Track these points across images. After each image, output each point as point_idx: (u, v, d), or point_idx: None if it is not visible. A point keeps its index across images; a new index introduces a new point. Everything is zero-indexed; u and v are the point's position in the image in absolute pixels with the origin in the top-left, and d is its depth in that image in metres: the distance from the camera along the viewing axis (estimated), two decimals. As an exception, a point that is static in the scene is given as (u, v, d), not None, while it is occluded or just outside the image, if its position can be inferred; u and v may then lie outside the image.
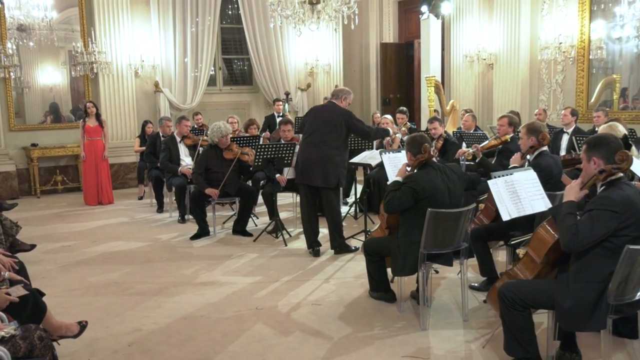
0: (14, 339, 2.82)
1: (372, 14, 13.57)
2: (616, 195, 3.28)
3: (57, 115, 10.86)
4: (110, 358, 4.02)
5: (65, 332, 3.62)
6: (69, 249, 6.91)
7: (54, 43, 10.58)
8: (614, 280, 3.21)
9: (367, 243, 5.03)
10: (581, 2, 9.66)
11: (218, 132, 7.22)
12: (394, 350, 4.07)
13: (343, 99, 6.33)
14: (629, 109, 9.23)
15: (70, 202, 9.85)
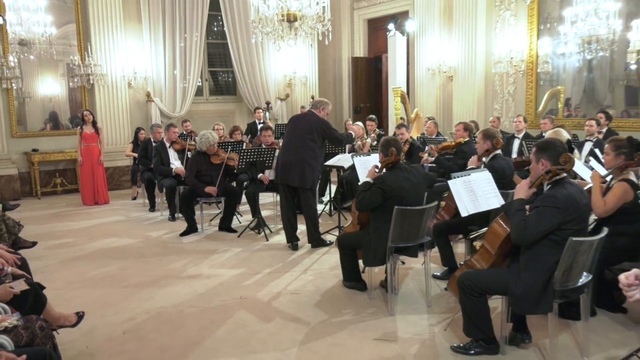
0: (16, 329, 2.79)
1: (344, 30, 13.60)
2: (560, 194, 3.34)
3: (56, 123, 10.71)
4: (106, 345, 3.98)
5: (64, 322, 3.57)
6: (68, 246, 6.82)
7: (53, 56, 10.41)
8: (559, 268, 3.27)
9: (341, 237, 5.04)
10: (530, 21, 9.79)
11: (206, 142, 7.21)
12: (365, 333, 4.09)
13: (321, 109, 6.37)
14: (572, 116, 9.38)
15: (69, 203, 9.72)
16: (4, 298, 3.09)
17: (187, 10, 11.59)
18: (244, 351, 3.85)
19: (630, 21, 8.16)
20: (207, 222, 7.80)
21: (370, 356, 3.74)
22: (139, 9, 11.18)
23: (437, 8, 11.04)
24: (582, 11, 8.59)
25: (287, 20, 7.29)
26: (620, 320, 4.23)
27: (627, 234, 4.05)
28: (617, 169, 4.15)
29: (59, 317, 3.55)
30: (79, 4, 10.47)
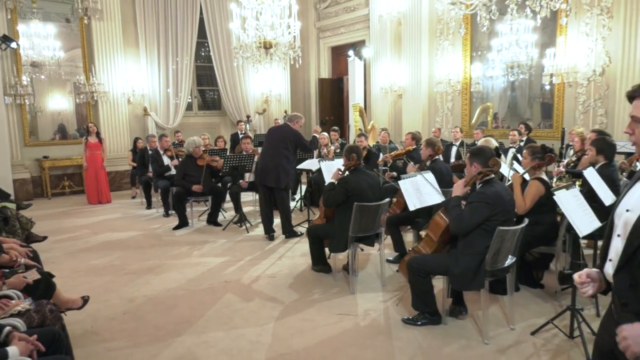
0: (28, 312, 2.71)
1: (312, 55, 13.59)
2: (489, 191, 3.40)
3: (64, 134, 10.39)
4: (109, 324, 3.88)
5: (71, 305, 3.48)
6: (74, 239, 6.63)
7: (61, 76, 10.14)
8: (489, 252, 3.33)
9: (310, 229, 5.04)
10: (464, 49, 9.94)
11: (192, 144, 7.19)
12: (330, 310, 4.09)
13: (295, 122, 6.37)
14: (499, 127, 9.57)
15: (75, 202, 9.45)
16: (18, 286, 3.00)
17: (179, 38, 11.43)
18: (229, 327, 3.80)
19: (544, 50, 8.37)
20: (197, 217, 7.68)
21: (335, 329, 3.74)
22: (137, 36, 10.97)
23: (388, 38, 11.12)
24: (506, 41, 8.77)
25: (263, 47, 7.26)
26: (539, 294, 4.33)
27: (542, 223, 4.15)
28: (532, 169, 4.27)
29: (67, 301, 3.45)
30: (84, 32, 10.20)
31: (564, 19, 7.67)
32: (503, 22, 8.41)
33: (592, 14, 7.82)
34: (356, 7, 12.20)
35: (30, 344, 2.28)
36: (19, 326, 2.51)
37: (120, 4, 10.52)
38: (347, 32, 12.67)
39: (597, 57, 7.85)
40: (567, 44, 8.15)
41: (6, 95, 9.14)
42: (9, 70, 9.31)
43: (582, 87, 8.09)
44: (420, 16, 10.37)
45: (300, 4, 8.50)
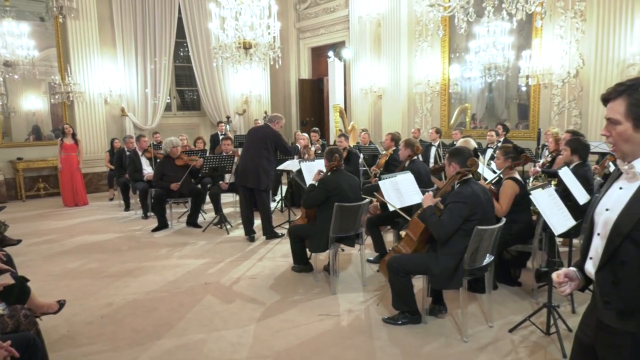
0: (2, 318, 2.65)
1: (292, 56, 13.58)
2: (466, 191, 3.44)
3: (38, 135, 10.17)
4: (86, 328, 3.81)
5: (47, 310, 3.41)
6: (50, 242, 6.49)
7: (35, 76, 9.91)
8: (467, 252, 3.37)
9: (291, 229, 5.03)
10: (442, 51, 10.06)
11: (170, 144, 7.14)
12: (312, 310, 4.09)
13: (276, 122, 6.35)
14: (477, 128, 9.70)
15: (51, 205, 9.24)
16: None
17: (157, 38, 11.29)
18: (209, 329, 3.77)
19: (520, 52, 8.52)
20: (176, 219, 7.59)
21: (316, 329, 3.74)
22: (114, 35, 10.80)
23: (368, 39, 11.18)
24: (484, 43, 8.89)
25: (243, 47, 7.22)
26: (516, 292, 4.40)
27: (518, 221, 4.22)
28: (507, 169, 4.35)
29: (42, 305, 3.38)
30: (59, 31, 10.00)
31: (539, 22, 7.83)
32: (480, 24, 8.53)
33: (566, 17, 7.99)
34: (336, 8, 12.23)
35: (4, 350, 2.23)
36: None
37: (97, 3, 10.35)
38: (327, 33, 12.70)
39: (571, 59, 8.03)
40: (542, 46, 8.31)
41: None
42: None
43: (557, 89, 8.26)
44: (399, 18, 10.46)
45: (280, 4, 8.49)
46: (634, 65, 7.01)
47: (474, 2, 5.25)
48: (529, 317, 3.62)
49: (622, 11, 7.07)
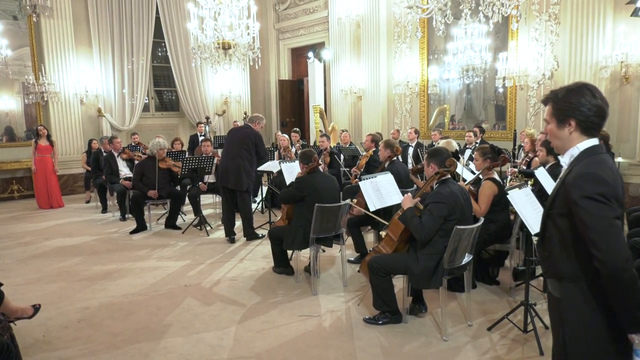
0: (-26, 323, 2.56)
1: (271, 57, 13.55)
2: (444, 191, 3.48)
3: (11, 136, 9.93)
4: (62, 333, 3.73)
5: (21, 314, 3.32)
6: (25, 245, 6.34)
7: (8, 76, 9.65)
8: (447, 251, 3.41)
9: (271, 231, 5.01)
10: (421, 53, 10.15)
11: (157, 145, 7.09)
12: (293, 311, 4.08)
13: (257, 123, 6.32)
14: (456, 129, 9.82)
15: (25, 207, 9.04)
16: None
17: (134, 37, 11.14)
18: (189, 332, 3.73)
19: (497, 54, 8.66)
20: (155, 221, 7.50)
21: (297, 330, 3.73)
22: (90, 35, 10.62)
23: (348, 40, 11.22)
24: (461, 45, 9.01)
25: (222, 47, 7.17)
26: (494, 290, 4.47)
27: (496, 221, 4.29)
28: (486, 170, 4.41)
29: (16, 310, 3.29)
30: (32, 30, 9.78)
31: (514, 25, 7.97)
32: (458, 26, 8.63)
33: (541, 20, 8.16)
34: (315, 9, 12.25)
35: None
36: (-36, 338, 2.39)
37: (72, 1, 10.18)
38: (306, 34, 12.70)
39: (546, 62, 8.20)
40: (518, 48, 8.46)
41: (-52, 95, 8.66)
42: (-49, 69, 8.81)
43: (533, 90, 8.42)
44: (378, 19, 10.52)
45: (259, 4, 8.47)
46: (606, 67, 7.19)
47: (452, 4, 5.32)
48: (506, 316, 3.68)
49: (594, 15, 7.24)
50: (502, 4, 5.09)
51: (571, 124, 1.86)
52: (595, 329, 1.80)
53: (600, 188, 1.72)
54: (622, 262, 1.67)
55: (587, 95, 1.83)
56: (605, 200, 1.71)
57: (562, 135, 1.90)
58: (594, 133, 1.86)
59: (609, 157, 1.88)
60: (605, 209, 1.70)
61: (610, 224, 1.69)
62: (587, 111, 1.83)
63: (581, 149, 1.86)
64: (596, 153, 1.84)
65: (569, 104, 1.85)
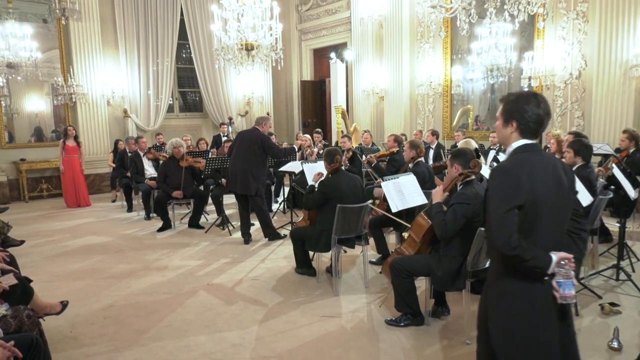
0: (5, 318, 2.65)
1: (294, 58, 13.60)
2: (469, 192, 3.43)
3: (40, 136, 10.22)
4: (88, 329, 3.81)
5: (50, 311, 3.41)
6: (53, 243, 6.50)
7: (38, 78, 9.97)
8: (470, 253, 3.36)
9: (293, 231, 5.02)
10: (445, 52, 10.06)
11: (171, 145, 7.17)
12: (314, 312, 4.08)
13: (264, 124, 6.26)
14: (480, 129, 9.69)
15: (54, 206, 9.27)
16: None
17: (159, 39, 11.33)
18: (211, 330, 3.77)
19: (523, 53, 8.52)
20: (178, 220, 7.60)
21: (319, 330, 3.73)
22: (116, 37, 10.84)
23: (370, 40, 11.19)
24: (486, 45, 8.90)
25: (245, 49, 7.23)
26: (519, 293, 4.38)
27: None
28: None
29: (45, 306, 3.39)
30: (61, 32, 10.05)
31: (541, 23, 7.83)
32: (482, 25, 8.52)
33: (569, 18, 7.98)
34: (338, 10, 12.25)
35: (7, 350, 2.23)
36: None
37: (99, 4, 10.39)
38: (328, 35, 12.71)
39: (573, 61, 8.02)
40: (544, 47, 8.31)
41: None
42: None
43: (560, 90, 8.25)
44: (401, 19, 10.46)
45: (281, 6, 8.50)
46: (637, 66, 7.00)
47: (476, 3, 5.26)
48: (532, 319, 3.60)
49: (624, 12, 7.06)
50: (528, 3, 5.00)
51: (513, 125, 2.07)
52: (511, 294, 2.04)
53: (504, 180, 1.98)
54: (502, 246, 1.92)
55: (532, 104, 2.04)
56: (506, 191, 1.95)
57: (505, 132, 2.12)
58: (530, 136, 2.07)
59: (539, 155, 2.05)
60: (502, 200, 1.94)
61: (502, 214, 1.92)
62: (528, 117, 2.04)
63: (514, 146, 2.08)
64: (524, 151, 2.04)
65: (516, 107, 2.07)
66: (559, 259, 1.92)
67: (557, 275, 1.92)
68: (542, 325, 1.99)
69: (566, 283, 1.91)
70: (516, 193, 1.93)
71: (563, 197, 2.03)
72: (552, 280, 1.93)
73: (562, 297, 1.92)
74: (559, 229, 2.06)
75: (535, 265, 1.91)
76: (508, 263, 2.00)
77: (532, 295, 1.99)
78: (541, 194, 1.95)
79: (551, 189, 1.99)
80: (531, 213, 1.96)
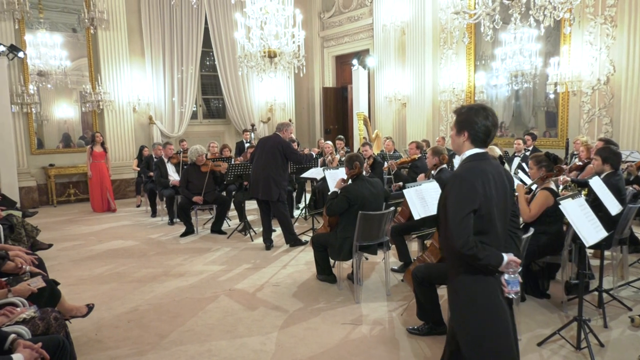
0: (33, 320, 2.72)
1: (316, 65, 13.67)
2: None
3: (67, 142, 10.49)
4: (113, 332, 3.87)
5: (76, 313, 3.48)
6: (79, 247, 6.64)
7: (67, 85, 10.26)
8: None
9: (314, 237, 5.02)
10: (468, 58, 9.98)
11: (195, 153, 7.24)
12: (335, 319, 4.07)
13: (285, 130, 6.30)
14: (504, 136, 9.56)
15: (81, 210, 9.48)
16: (24, 294, 3.01)
17: (184, 47, 11.54)
18: (233, 335, 3.79)
19: (548, 59, 8.39)
20: (201, 225, 7.69)
21: (339, 338, 3.71)
22: (142, 45, 11.08)
23: (392, 47, 11.18)
24: (510, 50, 8.79)
25: (268, 56, 7.31)
26: (545, 304, 4.29)
27: (548, 233, 4.12)
28: (540, 179, 4.23)
29: (72, 308, 3.46)
30: (90, 41, 10.31)
31: (567, 28, 7.68)
32: (507, 31, 8.43)
33: (596, 23, 7.83)
34: (360, 17, 12.27)
35: (35, 351, 2.28)
36: (24, 334, 2.52)
37: (127, 14, 10.63)
38: (351, 42, 12.74)
39: (601, 66, 7.86)
40: (571, 52, 8.16)
41: (13, 104, 9.24)
42: (16, 80, 9.40)
43: (587, 96, 8.08)
44: (423, 25, 10.42)
45: (304, 13, 8.58)
46: (668, 71, 6.82)
47: (500, 9, 5.20)
48: (558, 331, 3.53)
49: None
50: (554, 8, 4.92)
51: (465, 135, 2.27)
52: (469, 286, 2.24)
53: (461, 186, 2.15)
54: (461, 247, 2.10)
55: (481, 116, 2.25)
56: (464, 196, 2.13)
57: (458, 141, 2.31)
58: (480, 144, 2.27)
59: (488, 163, 2.25)
60: (460, 205, 2.12)
61: (461, 218, 2.10)
62: (478, 128, 2.24)
63: (467, 154, 2.27)
64: (476, 159, 2.24)
65: (467, 119, 2.27)
66: (510, 260, 2.15)
67: (506, 274, 2.16)
68: (496, 315, 2.20)
69: (513, 281, 2.16)
70: (472, 198, 2.12)
71: (507, 200, 2.27)
72: (501, 278, 2.17)
73: (509, 293, 2.17)
74: (505, 229, 2.29)
75: (488, 263, 2.13)
76: (462, 262, 2.19)
77: (484, 289, 2.20)
78: (492, 198, 2.16)
79: (499, 192, 2.21)
80: (486, 215, 2.15)
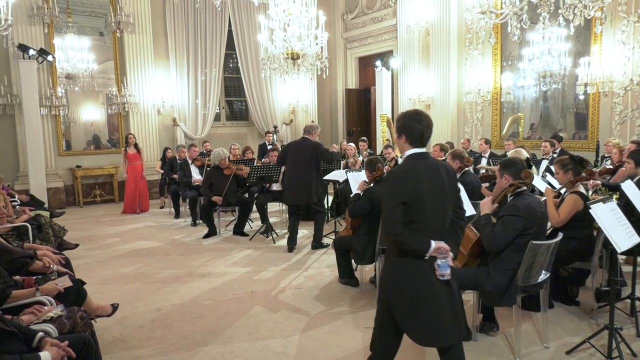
0: (60, 319, 2.77)
1: (339, 66, 13.66)
2: (520, 204, 3.32)
3: (97, 144, 10.73)
4: (137, 332, 3.94)
5: (101, 312, 3.54)
6: (105, 247, 6.78)
7: (94, 88, 10.49)
8: (521, 268, 3.25)
9: (337, 240, 5.01)
10: (494, 59, 9.83)
11: (218, 157, 7.32)
12: (357, 322, 4.05)
13: (313, 133, 6.35)
14: (531, 138, 9.38)
15: (107, 211, 9.68)
16: (51, 293, 3.08)
17: (208, 50, 11.68)
18: (254, 337, 3.81)
19: (578, 59, 8.20)
20: (224, 227, 7.76)
21: (362, 342, 3.69)
22: (167, 48, 11.26)
23: (416, 48, 11.09)
24: (538, 50, 8.63)
25: (291, 58, 7.33)
26: (574, 311, 4.19)
27: (578, 238, 4.03)
28: (569, 183, 4.13)
29: (97, 308, 3.52)
30: (116, 45, 10.53)
31: (598, 27, 7.51)
32: (535, 31, 8.28)
33: (629, 21, 7.63)
34: (384, 18, 12.22)
35: (62, 349, 2.33)
36: (51, 332, 2.58)
37: (152, 17, 10.82)
38: (374, 43, 12.69)
39: (634, 66, 7.64)
40: (602, 52, 7.96)
41: (42, 107, 9.50)
42: (45, 83, 9.67)
43: (619, 97, 7.87)
44: (448, 26, 10.31)
45: (327, 15, 8.58)
46: None
47: (528, 8, 5.11)
48: (588, 339, 3.43)
49: (691, 14, 6.67)
50: (584, 6, 4.81)
51: (403, 137, 2.56)
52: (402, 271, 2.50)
53: (393, 182, 2.46)
54: (388, 233, 2.41)
55: (415, 121, 2.54)
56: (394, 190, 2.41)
57: (400, 144, 2.60)
58: (418, 145, 2.54)
59: (425, 162, 2.51)
60: (390, 198, 2.41)
61: (390, 209, 2.38)
62: (413, 132, 2.52)
63: (407, 154, 2.55)
64: (412, 159, 2.51)
65: (403, 124, 2.56)
66: (438, 247, 2.38)
67: (437, 259, 2.41)
68: (424, 290, 2.44)
69: (443, 265, 2.41)
70: (400, 192, 2.39)
71: (444, 194, 2.49)
72: (434, 262, 2.41)
73: (441, 275, 2.42)
74: (440, 219, 2.48)
75: (414, 248, 2.40)
76: (395, 247, 2.47)
77: (413, 270, 2.46)
78: (423, 192, 2.40)
79: (433, 187, 2.44)
80: (415, 207, 2.39)
